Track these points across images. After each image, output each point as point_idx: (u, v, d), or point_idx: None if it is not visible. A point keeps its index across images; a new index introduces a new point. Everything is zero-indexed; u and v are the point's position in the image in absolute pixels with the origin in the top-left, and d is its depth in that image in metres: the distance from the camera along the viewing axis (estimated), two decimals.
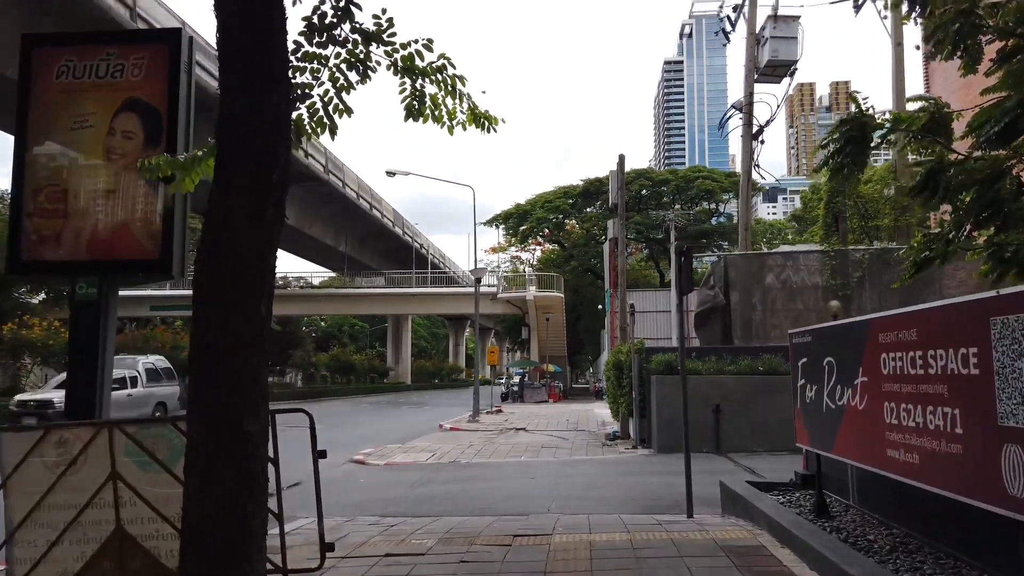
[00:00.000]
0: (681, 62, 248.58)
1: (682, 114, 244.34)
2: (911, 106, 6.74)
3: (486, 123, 5.82)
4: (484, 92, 5.80)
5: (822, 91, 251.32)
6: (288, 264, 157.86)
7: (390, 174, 28.64)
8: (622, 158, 17.56)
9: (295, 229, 43.35)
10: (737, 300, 15.47)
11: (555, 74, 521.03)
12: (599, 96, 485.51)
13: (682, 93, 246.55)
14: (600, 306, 53.44)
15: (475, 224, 29.41)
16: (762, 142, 16.01)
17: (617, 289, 24.14)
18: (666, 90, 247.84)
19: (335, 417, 29.05)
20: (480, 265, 62.67)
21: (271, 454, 3.88)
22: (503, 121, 5.89)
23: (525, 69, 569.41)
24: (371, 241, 55.43)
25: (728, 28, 17.07)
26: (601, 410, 30.26)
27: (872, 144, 5.98)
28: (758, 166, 15.86)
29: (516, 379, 43.52)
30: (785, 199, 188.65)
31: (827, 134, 6.04)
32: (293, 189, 40.17)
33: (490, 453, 14.69)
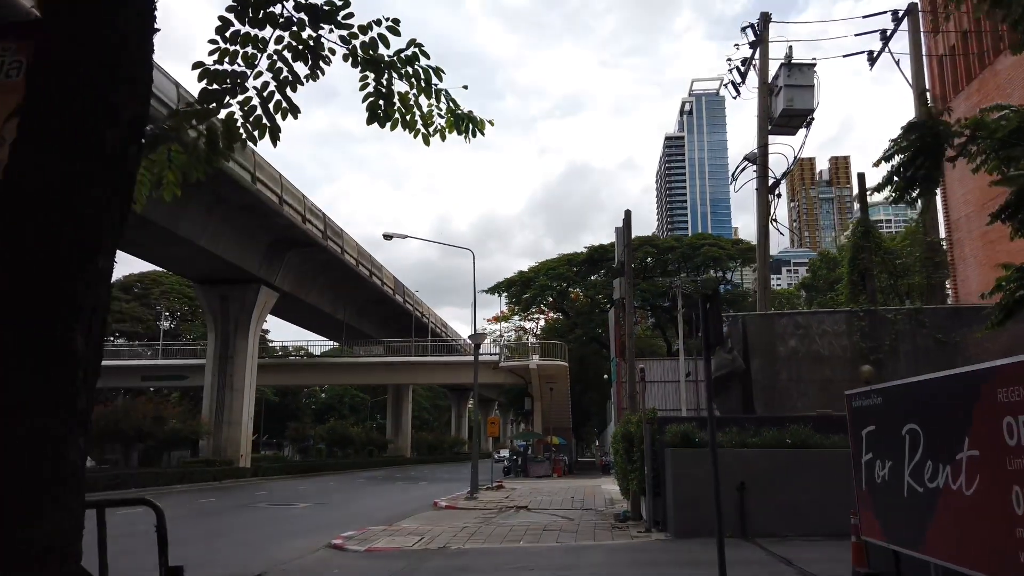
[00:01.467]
0: (682, 138, 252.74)
1: (684, 188, 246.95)
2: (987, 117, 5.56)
3: (470, 126, 4.66)
4: (466, 88, 4.67)
5: (822, 166, 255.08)
6: (285, 332, 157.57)
7: (387, 237, 27.67)
8: (628, 214, 16.51)
9: (292, 296, 42.22)
10: (757, 365, 14.10)
11: (558, 140, 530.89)
12: (601, 168, 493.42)
13: (683, 168, 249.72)
14: (606, 376, 51.79)
15: (475, 287, 28.14)
16: (778, 195, 14.97)
17: (624, 356, 22.76)
18: (668, 165, 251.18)
19: (325, 493, 27.28)
20: (486, 339, 61.45)
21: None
22: (491, 123, 4.74)
23: (527, 134, 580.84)
24: (370, 309, 54.23)
25: (737, 79, 16.30)
26: (609, 486, 28.43)
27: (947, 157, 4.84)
28: (775, 220, 14.77)
29: (504, 453, 41.54)
30: (789, 271, 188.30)
31: (891, 142, 4.90)
32: (291, 256, 39.29)
33: (486, 536, 13.08)
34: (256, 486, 31.40)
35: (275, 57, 4.29)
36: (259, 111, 4.37)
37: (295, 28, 4.25)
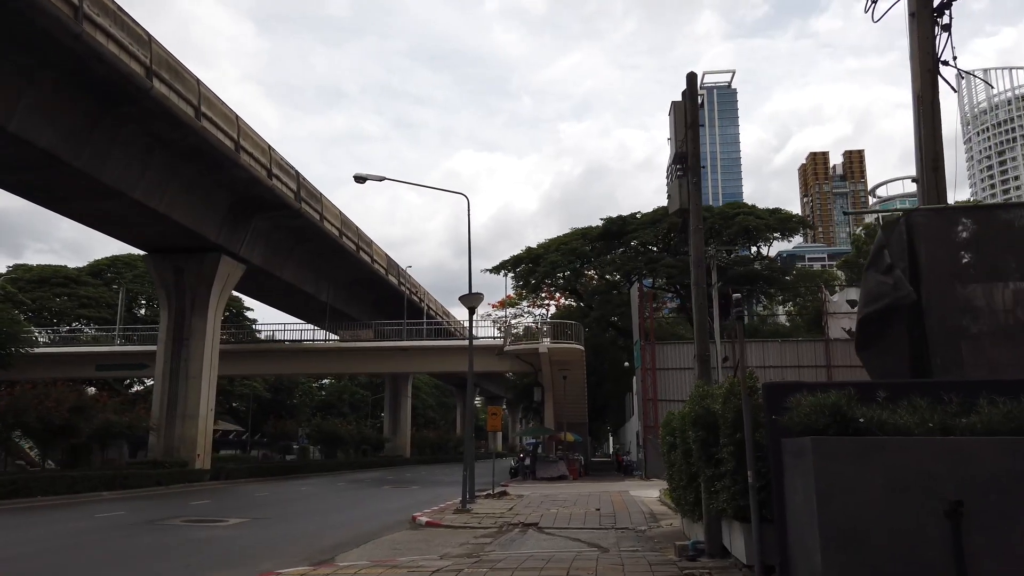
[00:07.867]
0: None
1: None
2: None
3: None
4: None
5: (836, 159, 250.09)
6: (279, 319, 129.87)
7: (359, 179, 21.90)
8: (692, 77, 10.79)
9: (263, 271, 36.41)
10: (932, 295, 8.28)
11: (574, 141, 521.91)
12: (620, 168, 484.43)
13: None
14: (627, 363, 45.72)
15: (469, 236, 22.11)
16: (948, 30, 9.24)
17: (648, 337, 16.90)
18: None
19: (283, 503, 21.53)
20: (487, 323, 55.40)
21: None
22: None
23: (543, 136, 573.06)
24: (360, 290, 48.33)
25: None
26: (639, 492, 22.63)
27: None
28: (947, 63, 8.95)
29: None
30: (804, 265, 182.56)
31: None
32: (258, 221, 33.59)
33: None
34: (205, 492, 25.70)
35: None
36: None
37: None
